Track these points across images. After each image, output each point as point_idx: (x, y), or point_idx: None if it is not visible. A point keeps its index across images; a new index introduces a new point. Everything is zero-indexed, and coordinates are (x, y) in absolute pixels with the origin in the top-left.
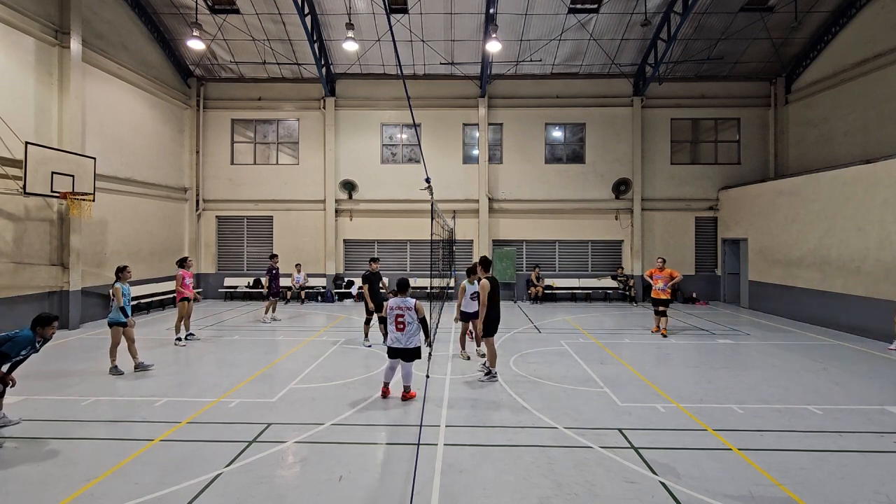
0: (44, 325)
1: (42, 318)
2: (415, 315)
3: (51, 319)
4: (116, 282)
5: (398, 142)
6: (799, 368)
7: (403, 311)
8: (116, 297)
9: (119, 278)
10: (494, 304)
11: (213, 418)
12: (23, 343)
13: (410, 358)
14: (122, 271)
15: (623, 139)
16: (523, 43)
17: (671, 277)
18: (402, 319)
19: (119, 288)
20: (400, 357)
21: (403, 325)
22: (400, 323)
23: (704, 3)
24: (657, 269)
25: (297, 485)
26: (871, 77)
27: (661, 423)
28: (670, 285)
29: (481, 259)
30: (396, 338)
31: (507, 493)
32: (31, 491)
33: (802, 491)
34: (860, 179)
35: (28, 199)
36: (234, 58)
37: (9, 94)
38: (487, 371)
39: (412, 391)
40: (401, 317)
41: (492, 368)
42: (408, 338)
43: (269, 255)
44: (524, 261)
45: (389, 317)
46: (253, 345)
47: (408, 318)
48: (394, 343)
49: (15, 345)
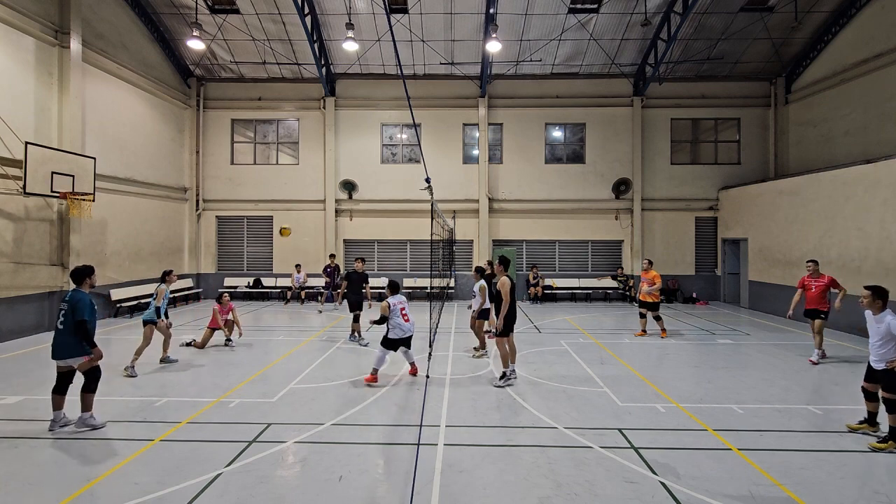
0: (89, 275)
1: (79, 271)
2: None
3: (87, 268)
4: (161, 283)
5: (398, 142)
6: (799, 368)
7: (405, 305)
8: (158, 297)
9: (164, 280)
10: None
11: (213, 418)
12: (88, 303)
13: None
14: (168, 275)
15: (623, 139)
16: (523, 43)
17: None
18: (405, 312)
19: (164, 289)
20: (405, 344)
21: (408, 317)
22: (405, 315)
23: (704, 3)
24: (643, 272)
25: (297, 485)
26: (871, 77)
27: (661, 423)
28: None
29: (500, 258)
30: (409, 328)
31: (507, 493)
32: (31, 491)
33: (802, 491)
34: (860, 179)
35: (28, 199)
36: (234, 58)
37: (9, 94)
38: (503, 374)
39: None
40: (404, 309)
41: (505, 370)
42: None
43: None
44: (524, 261)
45: (394, 312)
46: (253, 345)
47: (407, 309)
48: (407, 332)
49: (87, 308)
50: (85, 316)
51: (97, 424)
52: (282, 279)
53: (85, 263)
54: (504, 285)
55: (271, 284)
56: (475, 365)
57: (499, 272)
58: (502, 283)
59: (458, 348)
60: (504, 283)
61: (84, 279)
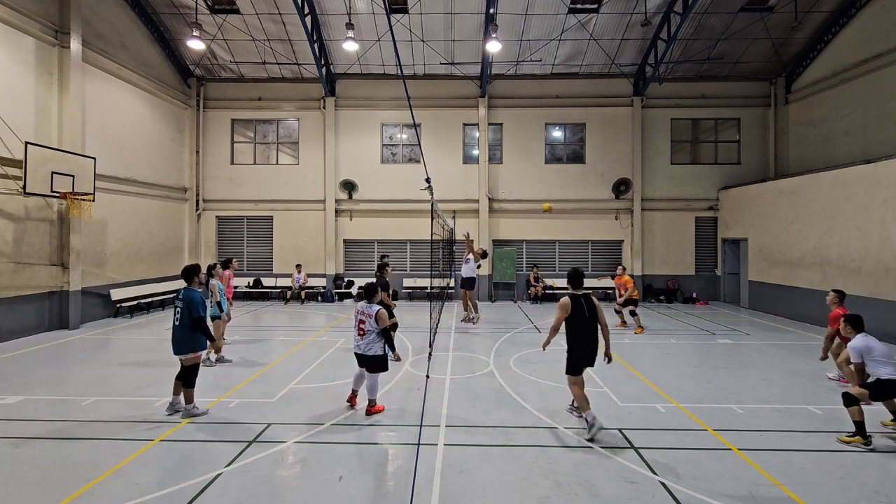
0: (196, 273)
1: (189, 270)
2: (375, 324)
3: (195, 266)
4: (211, 279)
5: (398, 142)
6: (799, 368)
7: (365, 318)
8: (214, 294)
9: (212, 275)
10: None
11: (213, 418)
12: (200, 300)
13: (373, 368)
14: (213, 269)
15: (623, 139)
16: (523, 43)
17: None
18: (364, 326)
19: (215, 284)
20: (363, 366)
21: (363, 330)
22: (361, 329)
23: (704, 3)
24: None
25: (297, 485)
26: (871, 77)
27: (661, 423)
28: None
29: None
30: (357, 343)
31: (507, 493)
32: (31, 491)
33: (802, 491)
34: (860, 179)
35: (28, 199)
36: (234, 58)
37: (9, 94)
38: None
39: (378, 405)
40: (363, 322)
41: (586, 417)
42: (367, 344)
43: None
44: (524, 261)
45: (354, 321)
46: (253, 345)
47: (369, 325)
48: (354, 348)
49: (200, 305)
50: (200, 312)
51: (200, 412)
52: (282, 279)
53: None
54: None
55: (271, 284)
56: (475, 365)
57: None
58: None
59: (459, 348)
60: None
61: (193, 277)
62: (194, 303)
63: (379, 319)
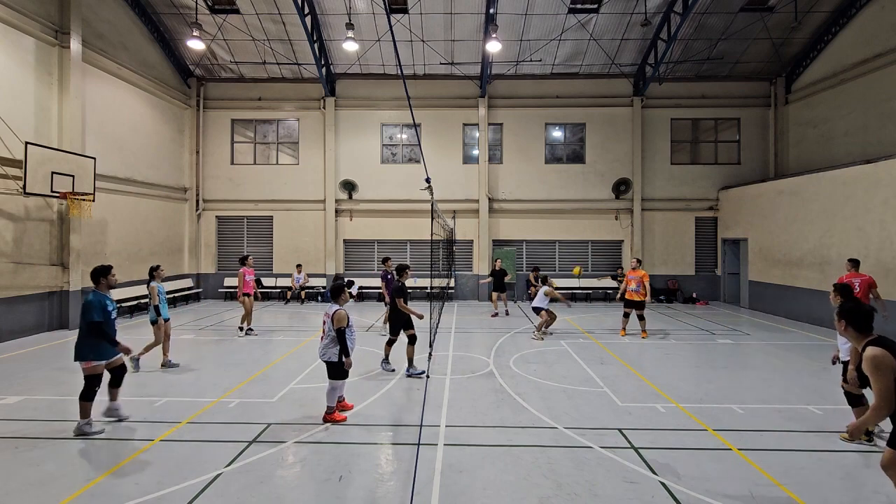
0: (105, 274)
1: (96, 271)
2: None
3: (103, 268)
4: (151, 281)
5: (398, 142)
6: (799, 368)
7: (325, 319)
8: (153, 296)
9: (153, 277)
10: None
11: (213, 418)
12: (97, 304)
13: (329, 373)
14: (155, 270)
15: (623, 139)
16: (523, 43)
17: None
18: (324, 327)
19: (154, 287)
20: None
21: (323, 333)
22: (323, 331)
23: (704, 3)
24: (631, 270)
25: (297, 485)
26: (871, 77)
27: (661, 423)
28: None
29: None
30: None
31: (507, 493)
32: (31, 491)
33: (802, 491)
34: (860, 179)
35: (28, 199)
36: (234, 58)
37: (9, 94)
38: None
39: (336, 413)
40: (324, 324)
41: None
42: (324, 347)
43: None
44: (524, 261)
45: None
46: (253, 345)
47: (328, 326)
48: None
49: (96, 310)
50: (94, 317)
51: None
52: (282, 279)
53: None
54: (877, 368)
55: (271, 284)
56: (475, 365)
57: (853, 339)
58: (882, 361)
59: (459, 348)
60: (877, 363)
61: (99, 279)
62: (86, 306)
63: (335, 320)
